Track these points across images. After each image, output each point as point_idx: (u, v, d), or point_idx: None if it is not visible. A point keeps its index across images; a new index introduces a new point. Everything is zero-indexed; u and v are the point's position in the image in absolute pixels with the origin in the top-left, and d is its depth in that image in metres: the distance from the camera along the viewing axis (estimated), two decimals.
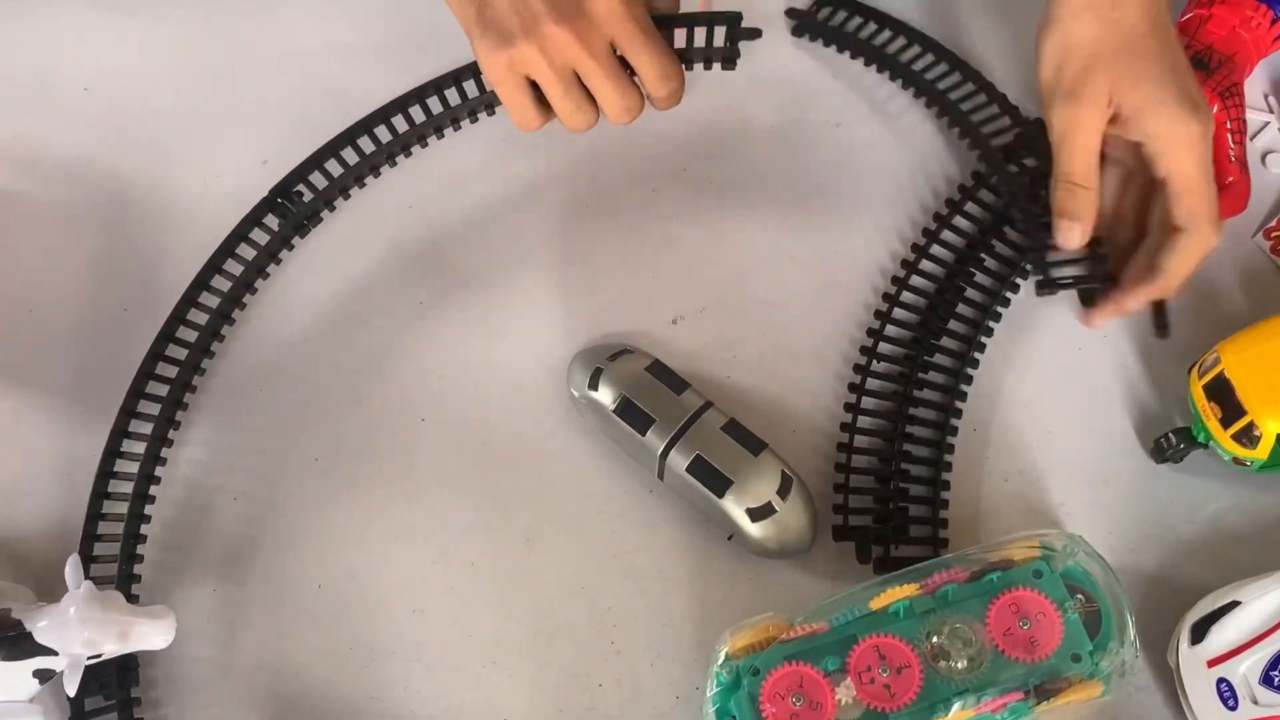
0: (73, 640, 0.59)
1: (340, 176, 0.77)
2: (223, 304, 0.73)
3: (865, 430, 0.71)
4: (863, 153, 0.80)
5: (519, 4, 0.60)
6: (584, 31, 0.60)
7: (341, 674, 0.68)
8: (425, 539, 0.71)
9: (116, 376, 0.74)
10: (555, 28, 0.59)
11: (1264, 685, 0.61)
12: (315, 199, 0.77)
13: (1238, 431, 0.64)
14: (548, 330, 0.75)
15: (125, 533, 0.68)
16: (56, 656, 0.60)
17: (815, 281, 0.76)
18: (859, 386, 0.72)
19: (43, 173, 0.82)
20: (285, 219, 0.76)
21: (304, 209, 0.76)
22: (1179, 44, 0.69)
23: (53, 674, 0.61)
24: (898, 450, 0.70)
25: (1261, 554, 0.66)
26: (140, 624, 0.60)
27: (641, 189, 0.79)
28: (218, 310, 0.73)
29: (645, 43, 0.61)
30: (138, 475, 0.69)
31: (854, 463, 0.70)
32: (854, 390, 0.72)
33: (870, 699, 0.60)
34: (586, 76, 0.62)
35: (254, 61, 0.84)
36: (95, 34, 0.86)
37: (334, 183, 0.77)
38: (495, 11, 0.60)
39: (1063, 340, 0.74)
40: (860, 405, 0.71)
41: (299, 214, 0.76)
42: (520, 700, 0.67)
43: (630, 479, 0.71)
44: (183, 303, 0.73)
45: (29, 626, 0.59)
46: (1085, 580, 0.63)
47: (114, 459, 0.70)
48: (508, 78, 0.62)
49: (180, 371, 0.72)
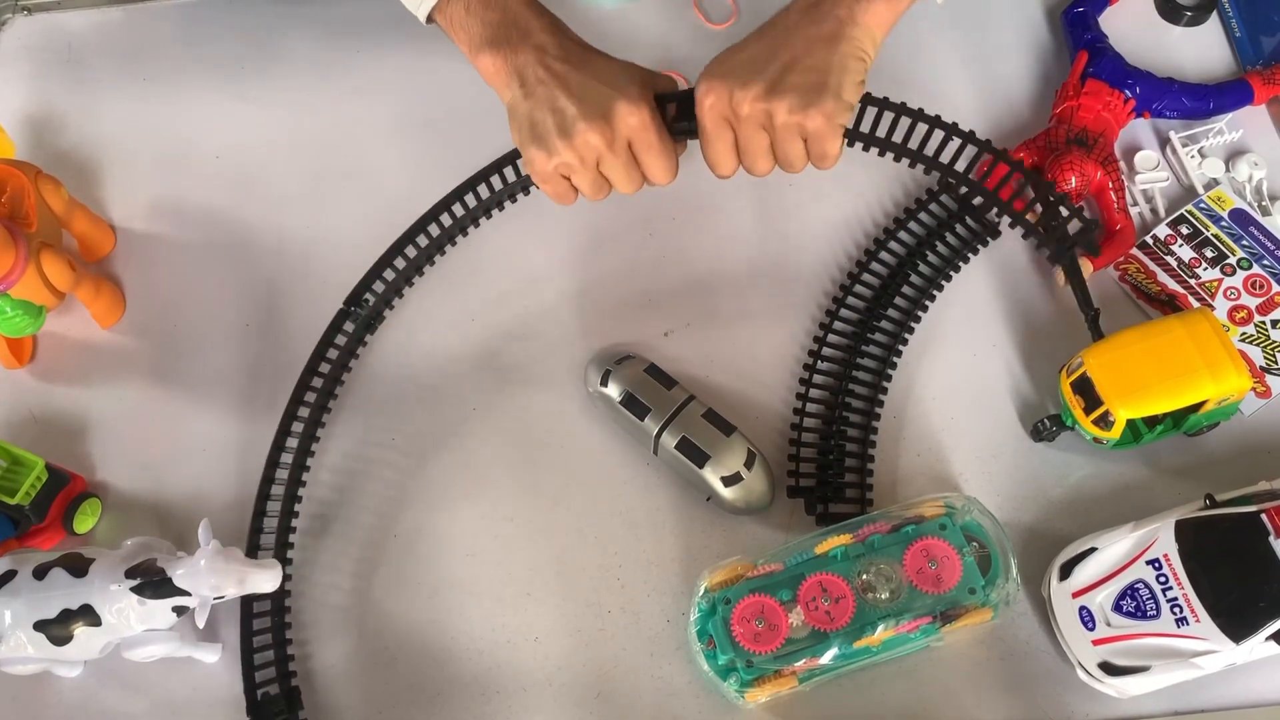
0: (202, 585, 0.60)
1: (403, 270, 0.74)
2: (341, 355, 0.73)
3: (811, 414, 0.71)
4: (815, 192, 0.79)
5: (556, 112, 0.58)
6: (610, 137, 0.58)
7: (410, 604, 0.69)
8: (476, 500, 0.71)
9: (239, 379, 0.76)
10: (588, 133, 0.58)
11: (1115, 611, 0.61)
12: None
13: (1097, 418, 0.64)
14: (570, 340, 0.75)
15: (286, 494, 0.69)
16: (190, 596, 0.60)
17: (774, 302, 0.76)
18: (807, 381, 0.72)
19: (184, 221, 0.83)
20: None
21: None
22: None
23: (187, 609, 0.62)
24: (836, 430, 0.70)
25: (1113, 511, 0.66)
26: (253, 573, 0.60)
27: (640, 233, 0.79)
28: (342, 354, 0.73)
29: (657, 151, 0.59)
30: (292, 464, 0.70)
31: (803, 439, 0.70)
32: (803, 384, 0.72)
33: (815, 622, 0.61)
34: (605, 167, 0.60)
35: (347, 134, 0.84)
36: (224, 115, 0.86)
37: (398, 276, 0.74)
38: (536, 125, 0.59)
39: (963, 348, 0.73)
40: (808, 395, 0.71)
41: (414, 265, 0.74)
42: (548, 623, 0.68)
43: (632, 454, 0.71)
44: (321, 345, 0.72)
45: (170, 573, 0.60)
46: (979, 531, 0.63)
47: (279, 451, 0.70)
48: (551, 176, 0.61)
49: (318, 397, 0.72)
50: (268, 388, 0.75)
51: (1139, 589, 0.61)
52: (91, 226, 0.80)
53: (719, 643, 0.61)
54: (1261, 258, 0.73)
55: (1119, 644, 0.61)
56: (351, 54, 0.87)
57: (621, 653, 0.66)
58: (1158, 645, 0.60)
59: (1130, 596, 0.61)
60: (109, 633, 0.62)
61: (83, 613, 0.61)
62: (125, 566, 0.61)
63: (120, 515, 0.73)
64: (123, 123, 0.86)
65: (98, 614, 0.61)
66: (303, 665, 0.67)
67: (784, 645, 0.61)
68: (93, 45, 0.91)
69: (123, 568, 0.61)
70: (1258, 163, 0.77)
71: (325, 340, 0.73)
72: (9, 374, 0.78)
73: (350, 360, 0.74)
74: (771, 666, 0.61)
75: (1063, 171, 0.73)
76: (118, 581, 0.61)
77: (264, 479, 0.69)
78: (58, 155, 0.85)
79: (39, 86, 0.89)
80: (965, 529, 0.63)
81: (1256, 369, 0.71)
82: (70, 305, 0.78)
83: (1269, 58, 0.80)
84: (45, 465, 0.69)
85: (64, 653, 0.62)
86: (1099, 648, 0.61)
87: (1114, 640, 0.61)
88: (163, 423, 0.75)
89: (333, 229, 0.80)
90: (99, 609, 0.61)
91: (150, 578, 0.60)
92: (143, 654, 0.64)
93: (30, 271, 0.71)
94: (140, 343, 0.78)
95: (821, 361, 0.73)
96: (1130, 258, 0.74)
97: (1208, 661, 0.59)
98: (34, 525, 0.69)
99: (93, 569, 0.62)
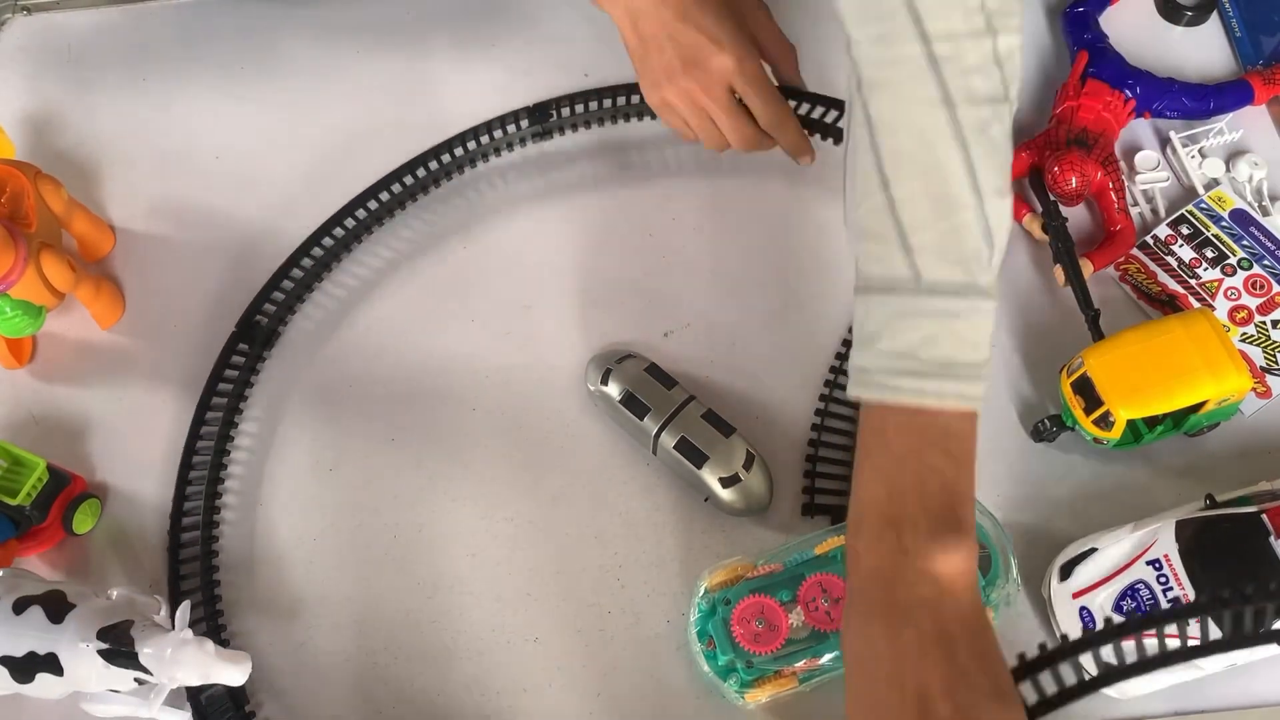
0: (164, 673, 0.59)
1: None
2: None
3: (828, 428, 0.70)
4: (817, 193, 0.78)
5: (666, 59, 0.64)
6: (706, 83, 0.64)
7: (411, 603, 0.68)
8: (476, 499, 0.71)
9: None
10: (685, 78, 0.64)
11: (1115, 612, 0.61)
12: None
13: (1097, 418, 0.64)
14: (570, 339, 0.75)
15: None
16: (152, 675, 0.59)
17: (775, 303, 0.76)
18: (827, 397, 0.71)
19: (184, 221, 0.82)
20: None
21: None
22: None
23: (147, 683, 0.60)
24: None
25: (1113, 511, 0.65)
26: (219, 667, 0.59)
27: (641, 233, 0.78)
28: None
29: (754, 93, 0.65)
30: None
31: (820, 453, 0.69)
32: (823, 400, 0.71)
33: (815, 622, 0.61)
34: (710, 113, 0.66)
35: (347, 134, 0.84)
36: (224, 115, 0.86)
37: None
38: (649, 64, 0.65)
39: None
40: (827, 410, 0.71)
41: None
42: (548, 623, 0.67)
43: (632, 454, 0.71)
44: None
45: (138, 647, 0.58)
46: (980, 532, 0.62)
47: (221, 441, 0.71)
48: (663, 108, 0.68)
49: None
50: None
51: (1139, 589, 0.61)
52: (91, 227, 0.80)
53: (719, 643, 0.61)
54: (1262, 258, 0.73)
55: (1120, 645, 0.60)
56: (351, 55, 0.87)
57: (622, 653, 0.66)
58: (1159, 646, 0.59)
59: (1131, 597, 0.61)
60: (70, 684, 0.60)
61: (48, 661, 0.59)
62: (100, 624, 0.59)
63: (120, 516, 0.73)
64: (123, 123, 0.86)
65: (62, 666, 0.60)
66: (301, 665, 0.68)
67: (784, 646, 0.61)
68: (93, 45, 0.90)
69: (98, 625, 0.59)
70: (1258, 163, 0.77)
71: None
72: (9, 374, 0.78)
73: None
74: (771, 667, 0.61)
75: (1062, 172, 0.73)
76: (88, 640, 0.59)
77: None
78: (58, 155, 0.85)
79: (39, 86, 0.89)
80: None
81: (1257, 369, 0.71)
82: (70, 305, 0.78)
83: (1269, 58, 0.80)
84: (46, 466, 0.69)
85: (25, 689, 0.61)
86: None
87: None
88: (163, 423, 0.75)
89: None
90: (64, 661, 0.59)
91: (119, 645, 0.58)
92: (100, 710, 0.62)
93: (30, 272, 0.71)
94: (140, 343, 0.78)
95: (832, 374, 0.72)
96: (1131, 258, 0.74)
97: (1208, 662, 0.59)
98: (34, 526, 0.69)
99: (70, 617, 0.60)
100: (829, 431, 0.70)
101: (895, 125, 0.50)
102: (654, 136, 0.81)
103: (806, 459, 0.69)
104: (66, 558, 0.72)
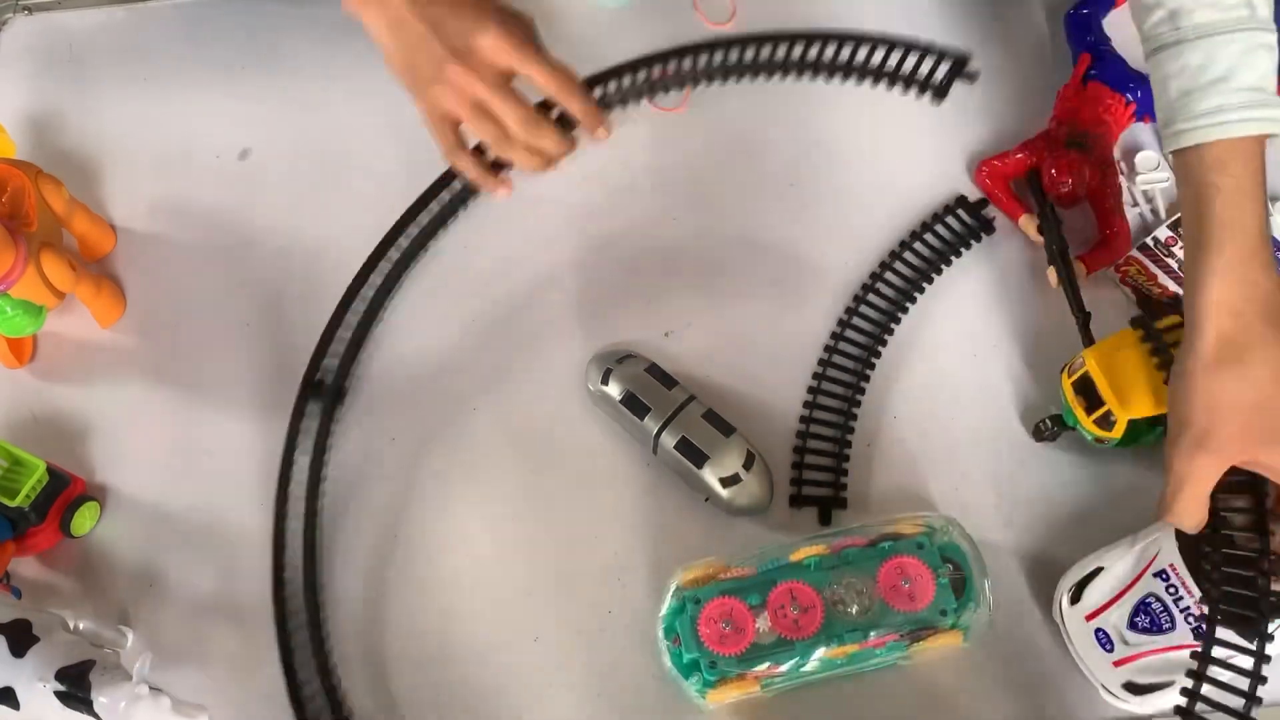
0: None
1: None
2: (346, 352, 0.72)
3: (819, 420, 0.71)
4: (820, 193, 0.79)
5: (429, 52, 0.58)
6: (475, 65, 0.57)
7: (414, 601, 0.69)
8: (477, 499, 0.71)
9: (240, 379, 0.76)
10: (453, 66, 0.57)
11: (1130, 629, 0.61)
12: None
13: (1099, 418, 0.64)
14: (570, 339, 0.75)
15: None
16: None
17: (776, 303, 0.75)
18: (815, 389, 0.72)
19: (184, 221, 0.83)
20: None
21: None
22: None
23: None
24: (842, 437, 0.70)
25: (1114, 512, 0.66)
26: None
27: (641, 233, 0.78)
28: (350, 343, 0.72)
29: (533, 62, 0.58)
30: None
31: (809, 445, 0.70)
32: (811, 392, 0.71)
33: (782, 629, 0.60)
34: (487, 104, 0.59)
35: (347, 134, 0.84)
36: (224, 115, 0.86)
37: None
38: (416, 63, 0.59)
39: (964, 348, 0.73)
40: (815, 403, 0.71)
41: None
42: (549, 621, 0.68)
43: (632, 454, 0.71)
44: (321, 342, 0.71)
45: (94, 694, 0.58)
46: (957, 554, 0.62)
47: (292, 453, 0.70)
48: (432, 115, 0.60)
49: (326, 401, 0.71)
50: (268, 387, 0.75)
51: (1151, 604, 0.60)
52: (92, 226, 0.80)
53: (684, 641, 0.61)
54: None
55: (1140, 662, 0.60)
56: (351, 54, 0.87)
57: (622, 653, 0.66)
58: (1179, 659, 0.59)
59: (1144, 612, 0.61)
60: (25, 718, 0.60)
61: (5, 694, 0.59)
62: (61, 663, 0.59)
63: (120, 517, 0.73)
64: (123, 123, 0.86)
65: (19, 700, 0.59)
66: None
67: (749, 649, 0.60)
68: (93, 45, 0.91)
69: (58, 664, 0.59)
70: None
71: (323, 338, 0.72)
72: (9, 374, 0.78)
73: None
74: (734, 669, 0.60)
75: (1059, 173, 0.73)
76: (45, 680, 0.59)
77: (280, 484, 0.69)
78: (58, 155, 0.85)
79: (39, 86, 0.89)
80: (943, 550, 0.62)
81: None
82: (70, 305, 0.78)
83: None
84: (47, 468, 0.69)
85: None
86: (1120, 669, 0.60)
87: (1134, 659, 0.60)
88: (163, 423, 0.75)
89: (333, 229, 0.80)
90: (21, 697, 0.59)
91: (76, 690, 0.58)
92: None
93: (30, 271, 0.71)
94: (141, 343, 0.78)
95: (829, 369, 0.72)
96: (1131, 259, 0.74)
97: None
98: (31, 527, 0.69)
99: (31, 652, 0.59)
100: (816, 424, 0.71)
101: None
102: (654, 136, 0.81)
103: (794, 450, 0.70)
104: (64, 560, 0.72)
